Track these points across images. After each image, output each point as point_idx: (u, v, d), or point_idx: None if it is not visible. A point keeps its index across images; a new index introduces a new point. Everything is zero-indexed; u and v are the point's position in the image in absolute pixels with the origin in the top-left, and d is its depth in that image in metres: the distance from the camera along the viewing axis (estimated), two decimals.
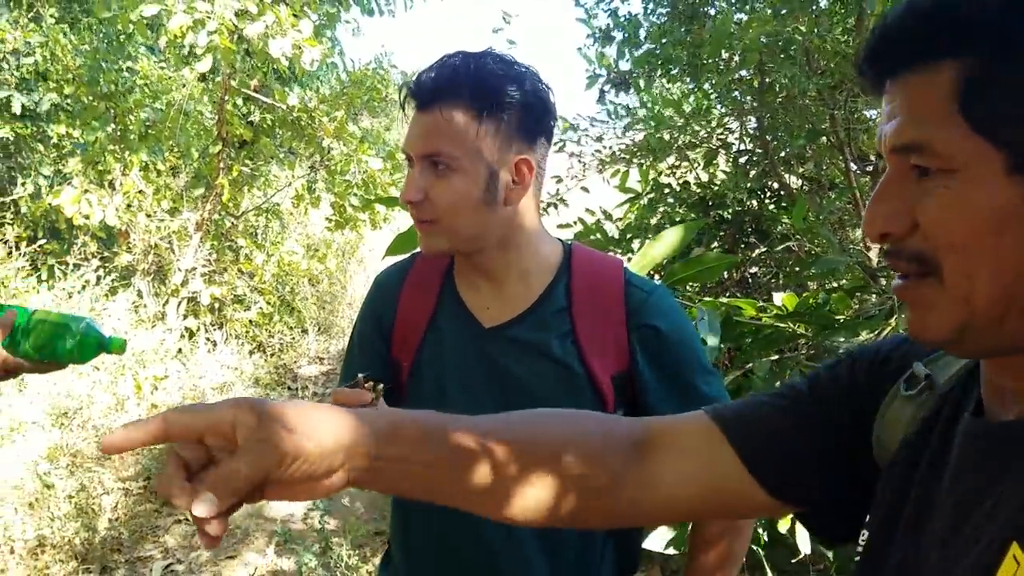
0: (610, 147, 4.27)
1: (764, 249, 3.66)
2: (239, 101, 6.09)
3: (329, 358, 6.45)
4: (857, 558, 0.71)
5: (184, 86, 5.60)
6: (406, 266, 1.37)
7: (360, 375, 1.11)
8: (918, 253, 0.59)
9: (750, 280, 3.81)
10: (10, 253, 5.06)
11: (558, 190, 4.19)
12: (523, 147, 1.20)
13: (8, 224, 5.14)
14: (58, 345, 1.28)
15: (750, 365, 2.03)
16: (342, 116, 5.62)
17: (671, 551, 1.88)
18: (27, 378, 4.47)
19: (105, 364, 4.90)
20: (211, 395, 5.20)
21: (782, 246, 3.56)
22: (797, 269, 3.66)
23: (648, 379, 1.23)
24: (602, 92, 4.53)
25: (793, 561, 1.99)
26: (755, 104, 3.87)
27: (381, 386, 1.09)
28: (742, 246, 3.87)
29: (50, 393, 4.38)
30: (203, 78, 6.06)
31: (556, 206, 4.12)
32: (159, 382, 5.03)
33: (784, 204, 3.92)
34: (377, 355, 1.33)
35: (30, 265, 5.24)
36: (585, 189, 4.19)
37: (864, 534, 0.70)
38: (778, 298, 2.07)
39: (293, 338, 6.48)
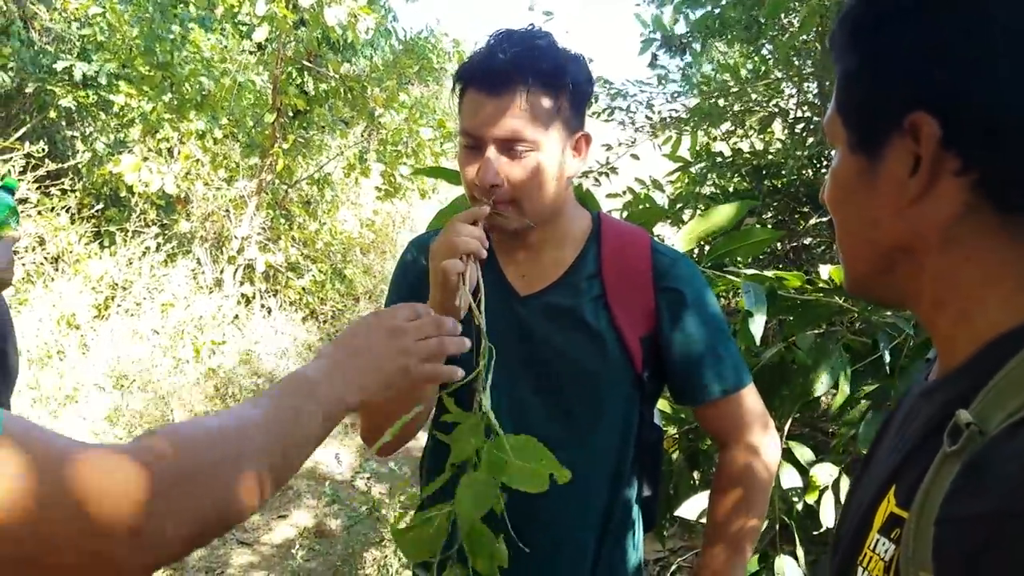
0: (659, 111, 4.18)
1: (818, 219, 3.56)
2: (293, 71, 6.14)
3: None
4: None
5: (240, 55, 5.66)
6: None
7: None
8: None
9: (803, 251, 3.71)
10: (73, 220, 5.21)
11: (608, 158, 4.12)
12: (581, 122, 1.25)
13: (70, 191, 5.29)
14: None
15: (793, 338, 1.98)
16: (393, 85, 5.63)
17: (704, 520, 1.86)
18: (90, 342, 4.63)
19: (165, 329, 5.05)
20: (267, 359, 5.32)
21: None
22: None
23: (671, 340, 1.28)
24: (654, 56, 4.43)
25: (816, 533, 1.97)
26: (813, 69, 3.74)
27: None
28: (796, 216, 3.77)
29: (111, 356, 4.52)
30: (259, 48, 6.13)
31: (608, 175, 4.06)
32: (216, 346, 5.16)
33: None
34: None
35: (92, 232, 5.39)
36: (635, 156, 4.12)
37: None
38: (824, 271, 2.01)
39: (345, 305, 6.57)
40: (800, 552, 1.93)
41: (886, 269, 0.65)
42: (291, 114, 6.09)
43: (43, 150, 5.03)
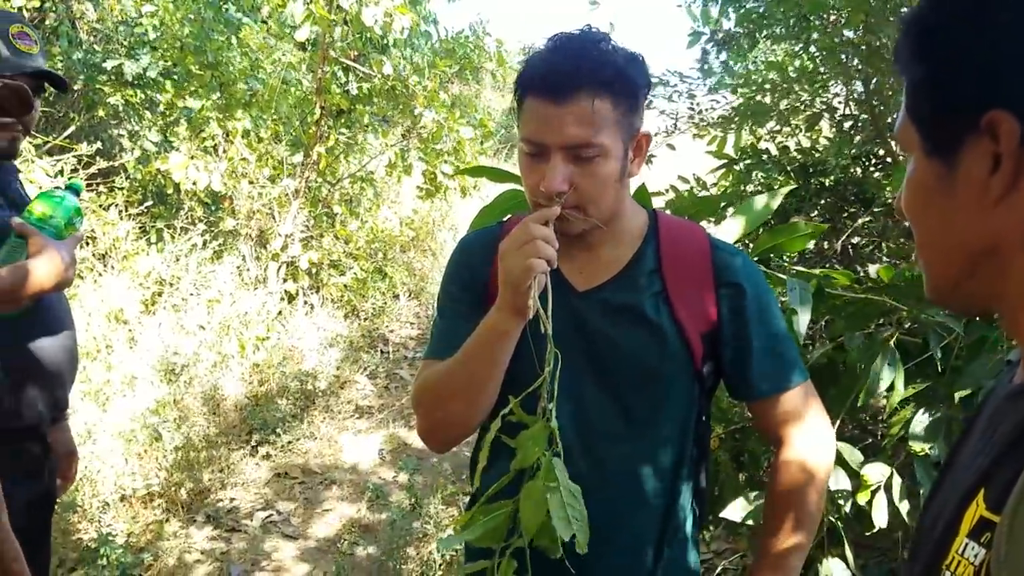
0: (699, 104, 4.14)
1: (867, 218, 3.51)
2: (337, 71, 6.20)
3: (420, 323, 6.57)
4: None
5: (284, 55, 5.73)
6: (496, 232, 1.39)
7: None
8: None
9: (850, 250, 3.65)
10: (121, 216, 5.32)
11: None
12: (640, 122, 1.26)
13: (118, 189, 5.40)
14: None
15: (842, 338, 1.96)
16: (434, 85, 5.65)
17: (750, 522, 1.85)
18: (137, 336, 4.72)
19: (211, 324, 5.13)
20: (309, 356, 5.38)
21: (884, 215, 3.40)
22: (901, 240, 3.49)
23: (730, 336, 1.29)
24: (704, 52, 4.38)
25: (868, 534, 1.94)
26: (861, 67, 3.68)
27: None
28: (843, 215, 3.71)
29: (159, 350, 4.61)
30: (303, 47, 6.20)
31: (649, 162, 4.02)
32: (260, 342, 5.23)
33: (891, 172, 3.73)
34: (467, 318, 1.32)
35: (138, 229, 5.50)
36: (671, 147, 4.09)
37: None
38: (873, 270, 1.98)
39: (385, 303, 6.62)
40: (849, 554, 1.91)
41: (969, 274, 0.65)
42: (334, 113, 6.15)
43: (93, 149, 5.14)
